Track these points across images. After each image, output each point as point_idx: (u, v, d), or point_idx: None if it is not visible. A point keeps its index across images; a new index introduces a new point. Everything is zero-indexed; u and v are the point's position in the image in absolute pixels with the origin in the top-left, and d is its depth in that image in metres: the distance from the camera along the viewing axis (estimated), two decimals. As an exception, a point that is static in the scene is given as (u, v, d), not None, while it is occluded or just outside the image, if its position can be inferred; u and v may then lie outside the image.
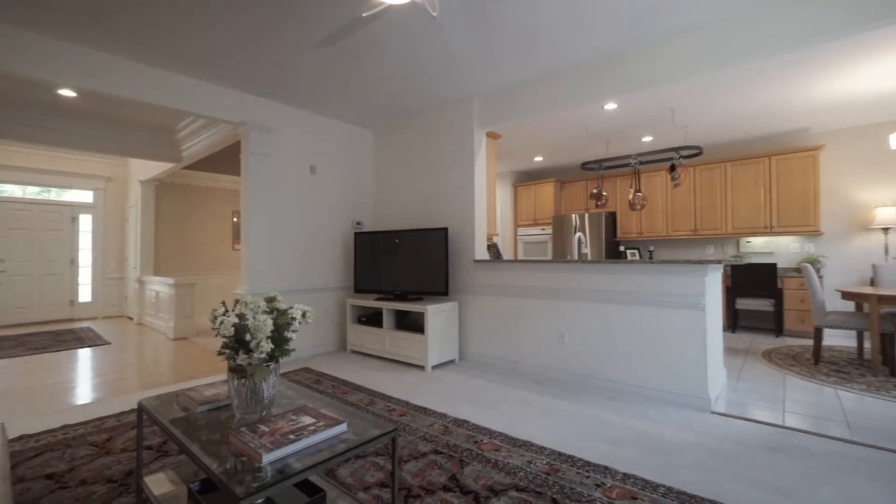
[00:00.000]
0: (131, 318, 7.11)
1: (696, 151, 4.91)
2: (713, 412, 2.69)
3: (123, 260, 7.70)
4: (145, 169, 6.72)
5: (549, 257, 7.39)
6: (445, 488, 1.80)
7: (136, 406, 2.39)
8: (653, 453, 2.13)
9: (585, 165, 5.41)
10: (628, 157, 4.96)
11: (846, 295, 3.81)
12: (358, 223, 5.11)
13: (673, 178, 4.72)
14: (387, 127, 5.08)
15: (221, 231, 7.87)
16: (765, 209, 5.59)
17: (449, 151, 4.42)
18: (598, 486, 1.80)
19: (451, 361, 4.09)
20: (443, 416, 2.61)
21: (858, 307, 4.12)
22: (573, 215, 6.92)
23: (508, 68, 3.58)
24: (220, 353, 1.50)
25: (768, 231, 5.57)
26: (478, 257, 4.15)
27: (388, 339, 4.17)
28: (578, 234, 3.81)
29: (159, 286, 6.12)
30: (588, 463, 1.99)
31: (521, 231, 7.90)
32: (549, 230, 7.40)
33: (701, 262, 2.76)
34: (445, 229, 4.10)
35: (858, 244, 5.26)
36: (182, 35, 2.99)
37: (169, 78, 3.56)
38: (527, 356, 3.70)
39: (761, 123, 5.15)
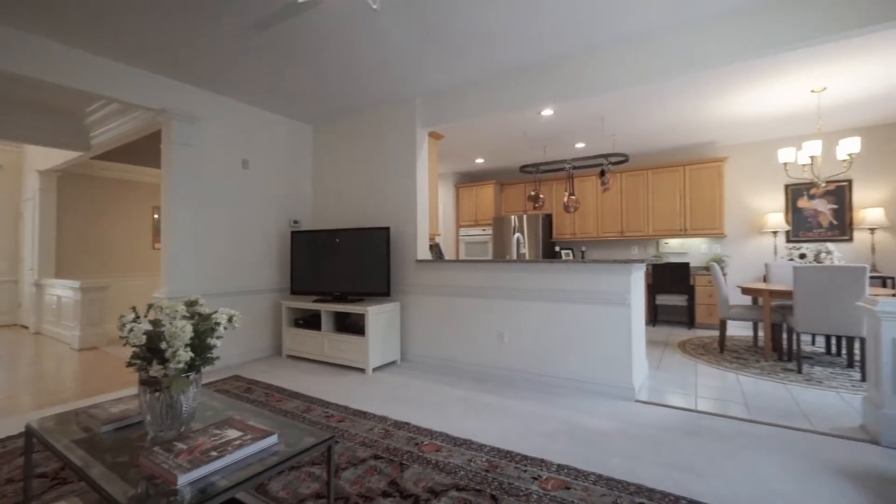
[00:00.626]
0: (27, 327, 6.24)
1: (622, 159, 5.29)
2: (637, 401, 2.92)
3: (18, 261, 6.73)
4: (46, 157, 5.92)
5: (490, 257, 7.58)
6: (385, 494, 1.77)
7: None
8: (584, 443, 2.26)
9: (524, 168, 5.61)
10: (563, 161, 5.23)
11: (745, 290, 4.30)
12: (295, 222, 4.89)
13: (602, 183, 5.05)
14: (328, 122, 4.91)
15: (141, 229, 7.15)
16: (680, 213, 6.15)
17: (391, 150, 4.37)
18: (534, 479, 1.87)
19: (393, 363, 4.05)
20: (383, 419, 2.57)
21: (754, 301, 4.68)
22: (513, 216, 7.15)
23: (451, 68, 3.61)
24: (129, 365, 1.36)
25: (683, 233, 6.13)
26: (420, 257, 4.15)
27: (327, 342, 4.03)
28: (517, 234, 3.94)
29: (62, 290, 5.43)
30: (526, 457, 2.06)
31: (462, 231, 8.01)
32: (489, 230, 7.58)
33: (626, 262, 2.97)
34: (387, 229, 4.05)
35: (754, 245, 5.96)
36: (101, 14, 2.67)
37: (81, 58, 3.16)
38: (468, 355, 3.76)
39: (677, 135, 5.66)
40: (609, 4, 2.68)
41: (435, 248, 4.52)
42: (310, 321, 4.28)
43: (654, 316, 6.12)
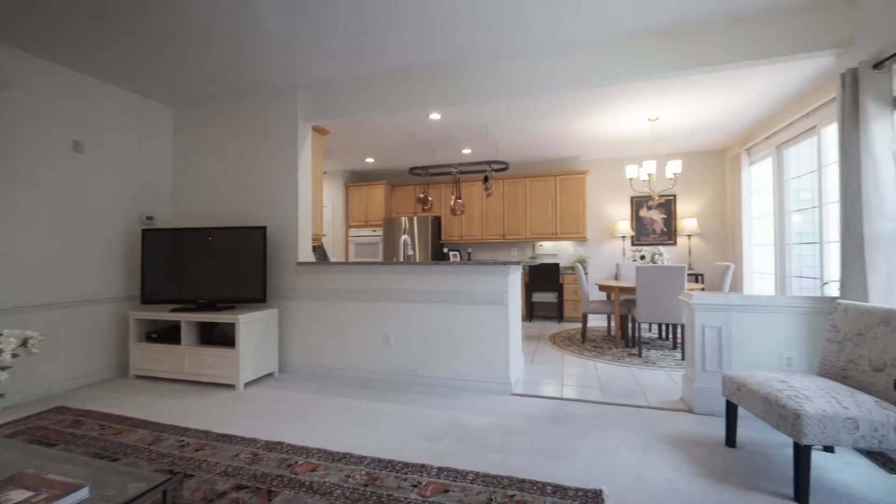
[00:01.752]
0: None
1: (503, 166, 5.67)
2: (513, 394, 3.14)
3: None
4: None
5: (381, 258, 7.49)
6: (251, 527, 1.59)
7: None
8: (464, 442, 2.34)
9: (413, 170, 5.66)
10: (450, 165, 5.40)
11: (601, 287, 4.96)
12: (149, 218, 4.18)
13: (486, 188, 5.34)
14: (196, 106, 4.29)
15: None
16: (552, 219, 6.84)
17: (270, 142, 4.00)
18: (414, 486, 1.87)
19: (270, 375, 3.72)
20: (252, 441, 2.32)
21: (608, 296, 5.42)
22: (403, 218, 7.16)
23: (336, 63, 3.44)
24: None
25: (554, 237, 6.83)
26: (302, 259, 3.88)
27: (188, 357, 3.52)
28: (404, 236, 3.94)
29: None
30: (406, 464, 2.05)
31: (353, 232, 7.77)
32: (380, 231, 7.48)
33: (503, 264, 3.18)
34: (264, 228, 3.70)
35: (609, 247, 6.92)
36: None
37: None
38: (353, 361, 3.63)
39: (549, 148, 6.28)
40: (487, 22, 2.83)
41: (319, 250, 4.28)
42: (166, 334, 3.69)
43: (531, 312, 6.70)
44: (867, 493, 1.82)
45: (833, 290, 3.83)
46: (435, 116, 4.71)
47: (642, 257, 4.84)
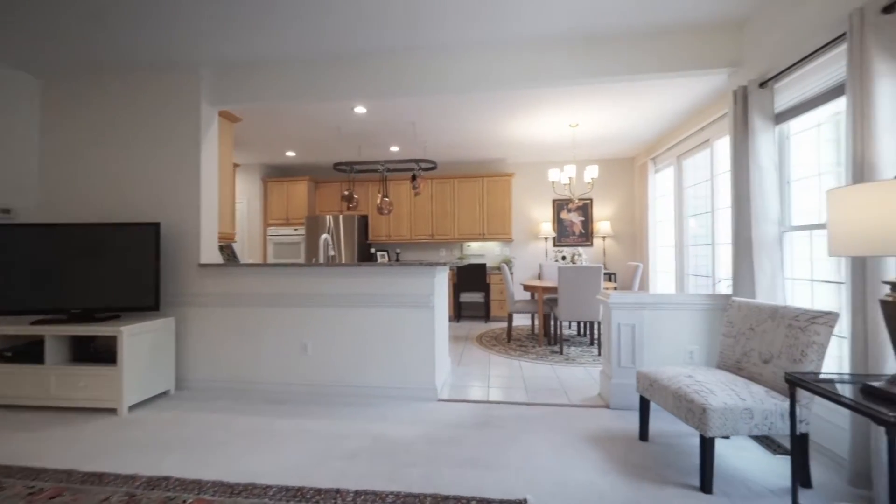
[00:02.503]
0: None
1: (432, 165, 5.58)
2: (439, 400, 3.04)
3: None
4: None
5: (303, 259, 7.02)
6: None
7: None
8: (385, 458, 2.19)
9: (338, 166, 5.35)
10: (377, 162, 5.19)
11: (526, 287, 5.08)
12: (4, 211, 3.44)
13: (414, 187, 5.21)
14: (71, 79, 3.60)
15: None
16: (479, 220, 6.91)
17: (168, 127, 3.49)
18: (328, 513, 1.67)
19: (164, 394, 3.24)
20: (130, 479, 1.95)
21: (532, 296, 5.59)
22: (327, 216, 6.78)
23: (247, 42, 3.08)
24: None
25: (482, 237, 6.91)
26: (205, 261, 3.44)
27: (54, 379, 2.93)
28: (325, 235, 3.67)
29: None
30: (319, 490, 1.84)
31: (271, 231, 7.19)
32: (302, 230, 7.02)
33: (430, 265, 3.07)
34: (157, 225, 3.22)
35: (533, 248, 7.16)
36: None
37: None
38: (267, 373, 3.29)
39: (477, 149, 6.33)
40: (418, 13, 2.70)
41: (227, 250, 3.84)
42: (25, 352, 3.04)
43: (458, 312, 6.70)
44: (759, 476, 1.99)
45: (725, 287, 4.28)
46: (360, 110, 4.47)
47: (563, 258, 5.05)
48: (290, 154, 6.49)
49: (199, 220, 3.44)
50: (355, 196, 5.58)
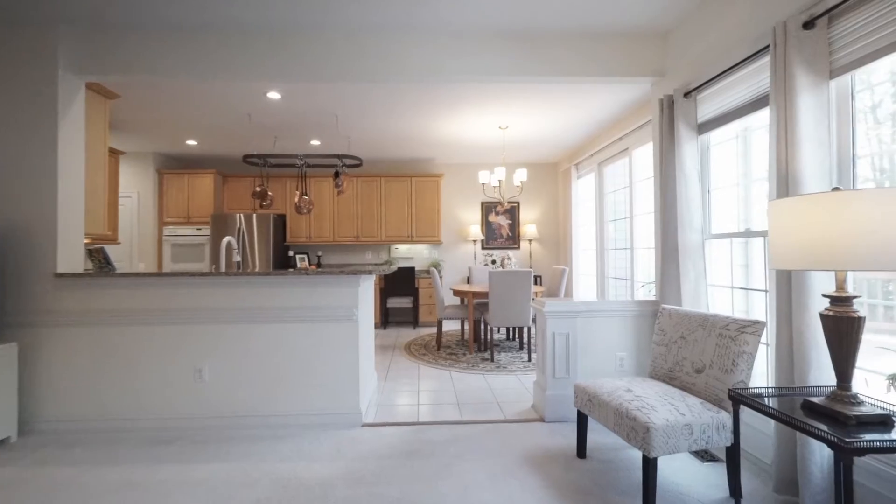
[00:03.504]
0: None
1: (356, 162, 5.18)
2: (364, 425, 2.71)
3: None
4: None
5: (208, 262, 6.18)
6: None
7: None
8: (298, 505, 1.82)
9: (248, 159, 4.73)
10: (295, 156, 4.67)
11: (455, 292, 4.90)
12: None
13: (336, 185, 4.78)
14: None
15: None
16: (407, 221, 6.63)
17: (11, 99, 2.73)
18: None
19: (3, 443, 2.50)
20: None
21: (462, 300, 5.44)
22: (238, 215, 6.04)
23: (116, -1, 2.49)
24: None
25: (410, 239, 6.64)
26: (64, 269, 2.74)
27: None
28: (228, 238, 3.13)
29: None
30: (203, 572, 1.44)
31: (168, 231, 6.23)
32: (207, 230, 6.17)
33: (354, 274, 2.73)
34: (-12, 225, 2.48)
35: (462, 251, 7.06)
36: None
37: None
38: (148, 407, 2.70)
39: (405, 148, 6.05)
40: (335, -17, 2.36)
41: (98, 255, 3.12)
42: None
43: (385, 318, 6.35)
44: (693, 488, 1.96)
45: (645, 292, 4.47)
46: (274, 96, 3.96)
47: (493, 262, 4.97)
48: (192, 143, 5.66)
49: (56, 217, 2.73)
50: (269, 193, 4.99)
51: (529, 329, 4.34)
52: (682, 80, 2.71)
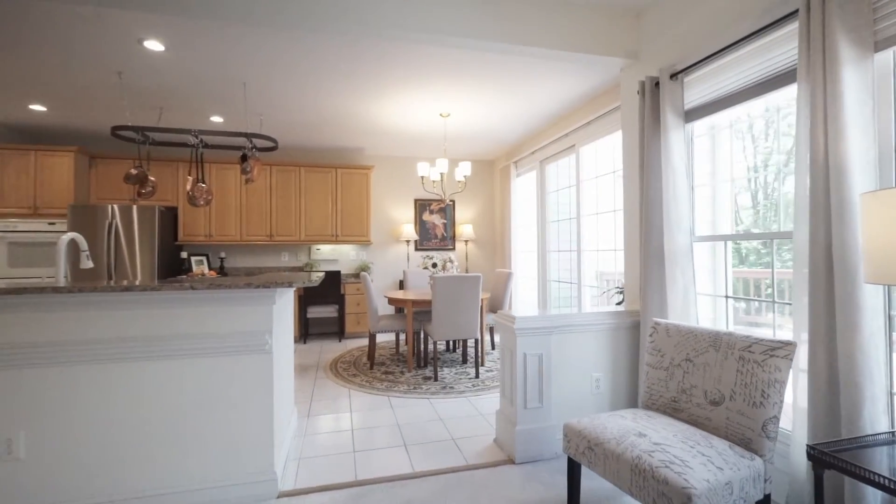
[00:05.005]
0: None
1: (271, 144, 4.30)
2: (282, 494, 1.97)
3: None
4: None
5: (62, 266, 4.76)
6: None
7: None
8: None
9: (118, 131, 3.60)
10: (187, 131, 3.66)
11: (391, 301, 4.25)
12: None
13: (244, 171, 3.86)
14: None
15: None
16: (332, 218, 5.81)
17: None
18: None
19: None
20: None
21: (398, 310, 4.81)
22: (111, 206, 4.75)
23: None
24: None
25: (334, 239, 5.82)
26: None
27: None
28: (70, 235, 2.18)
29: None
30: None
31: (3, 225, 4.69)
32: (64, 225, 4.77)
33: (267, 286, 1.97)
34: None
35: (394, 252, 6.40)
36: None
37: None
38: (-88, 502, 1.68)
39: (330, 135, 5.24)
40: None
41: None
42: None
43: (305, 331, 5.47)
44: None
45: (606, 298, 4.24)
46: (155, 46, 2.97)
47: (434, 265, 4.41)
48: (38, 108, 4.29)
49: None
50: (151, 178, 3.90)
51: (477, 341, 3.86)
52: (664, 62, 2.40)
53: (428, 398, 3.26)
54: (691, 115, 2.29)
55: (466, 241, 6.69)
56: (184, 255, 5.41)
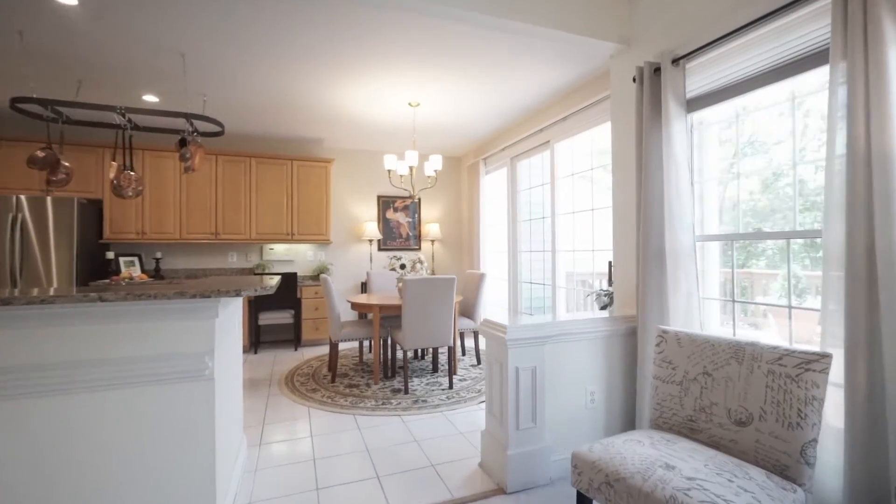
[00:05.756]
0: None
1: (216, 129, 3.77)
2: (223, 554, 1.57)
3: None
4: None
5: (-49, 268, 3.97)
6: None
7: None
8: None
9: (17, 104, 2.96)
10: (112, 108, 3.08)
11: (355, 306, 3.87)
12: None
13: (183, 158, 3.32)
14: None
15: None
16: (287, 215, 5.30)
17: None
18: None
19: None
20: None
21: (361, 315, 4.42)
22: (16, 197, 4.01)
23: None
24: None
25: (290, 238, 5.32)
26: None
27: None
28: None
29: None
30: None
31: None
32: (-48, 218, 3.97)
33: (206, 296, 1.56)
34: None
35: (355, 253, 5.98)
36: None
37: None
38: None
39: (286, 123, 4.76)
40: None
41: None
42: None
43: (257, 339, 4.93)
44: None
45: (590, 302, 4.07)
46: (67, 0, 2.43)
47: (402, 266, 4.07)
48: (-85, 76, 3.51)
49: None
50: (65, 164, 3.27)
51: (450, 349, 3.56)
52: (661, 48, 2.22)
53: (399, 415, 2.93)
54: (692, 104, 2.12)
55: (433, 241, 6.39)
56: (110, 255, 4.70)
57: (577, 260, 4.19)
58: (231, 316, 1.97)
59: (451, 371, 3.51)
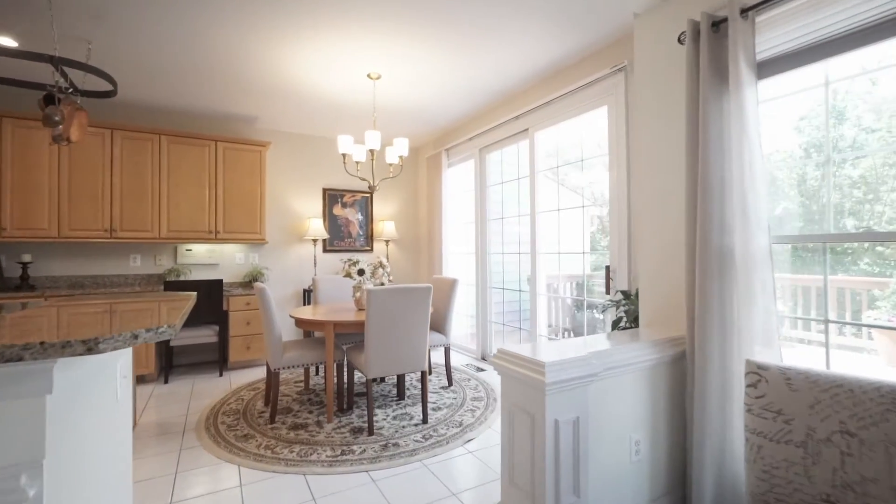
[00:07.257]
0: None
1: (107, 88, 2.78)
2: None
3: None
4: None
5: None
6: None
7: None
8: None
9: None
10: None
11: (301, 323, 3.07)
12: None
13: (50, 121, 2.32)
14: None
15: None
16: (210, 208, 4.31)
17: None
18: None
19: None
20: None
21: (307, 333, 3.61)
22: None
23: None
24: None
25: (213, 237, 4.33)
26: None
27: None
28: None
29: None
30: None
31: None
32: None
33: (11, 359, 0.78)
34: None
35: (296, 254, 5.10)
36: None
37: None
38: None
39: (209, 94, 3.80)
40: None
41: None
42: None
43: (169, 364, 3.89)
44: None
45: (593, 315, 3.59)
46: None
47: (361, 271, 3.33)
48: None
49: None
50: None
51: (424, 374, 2.91)
52: (708, 1, 1.76)
53: (366, 470, 2.22)
54: (762, 69, 1.68)
55: (387, 241, 5.68)
56: (-51, 257, 3.44)
57: (563, 261, 3.73)
58: (94, 376, 1.16)
59: (425, 401, 2.85)
